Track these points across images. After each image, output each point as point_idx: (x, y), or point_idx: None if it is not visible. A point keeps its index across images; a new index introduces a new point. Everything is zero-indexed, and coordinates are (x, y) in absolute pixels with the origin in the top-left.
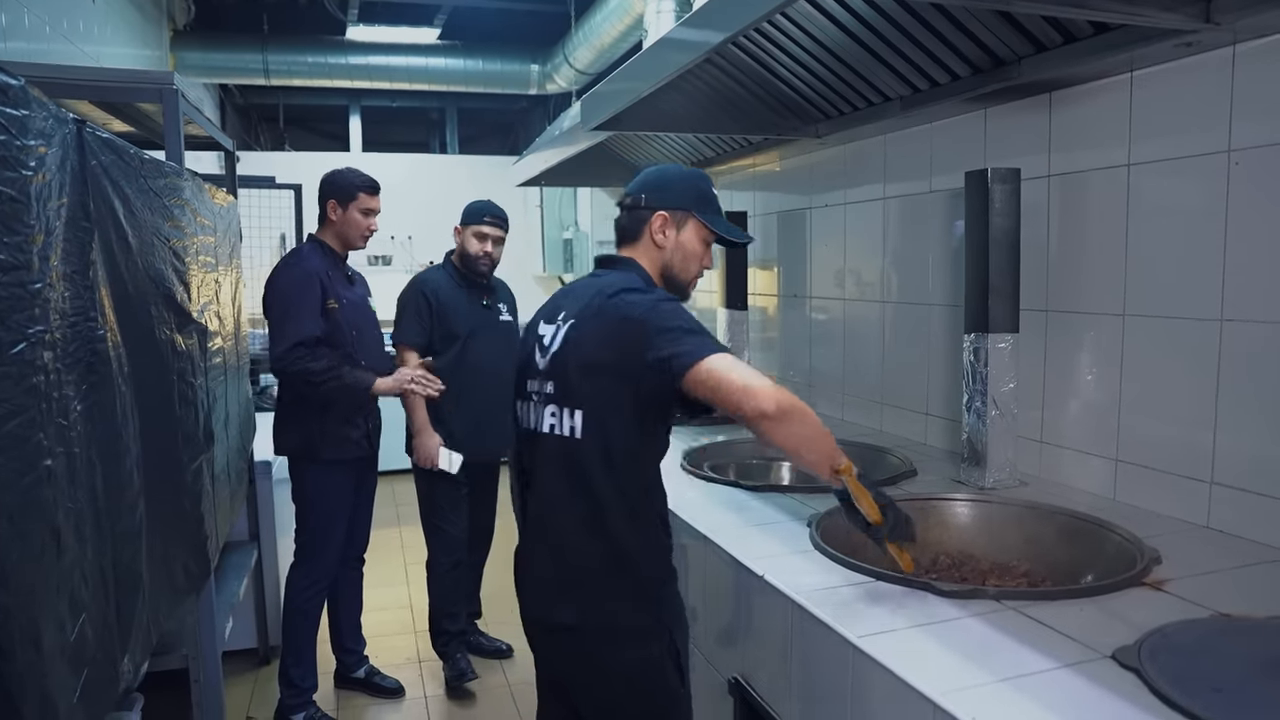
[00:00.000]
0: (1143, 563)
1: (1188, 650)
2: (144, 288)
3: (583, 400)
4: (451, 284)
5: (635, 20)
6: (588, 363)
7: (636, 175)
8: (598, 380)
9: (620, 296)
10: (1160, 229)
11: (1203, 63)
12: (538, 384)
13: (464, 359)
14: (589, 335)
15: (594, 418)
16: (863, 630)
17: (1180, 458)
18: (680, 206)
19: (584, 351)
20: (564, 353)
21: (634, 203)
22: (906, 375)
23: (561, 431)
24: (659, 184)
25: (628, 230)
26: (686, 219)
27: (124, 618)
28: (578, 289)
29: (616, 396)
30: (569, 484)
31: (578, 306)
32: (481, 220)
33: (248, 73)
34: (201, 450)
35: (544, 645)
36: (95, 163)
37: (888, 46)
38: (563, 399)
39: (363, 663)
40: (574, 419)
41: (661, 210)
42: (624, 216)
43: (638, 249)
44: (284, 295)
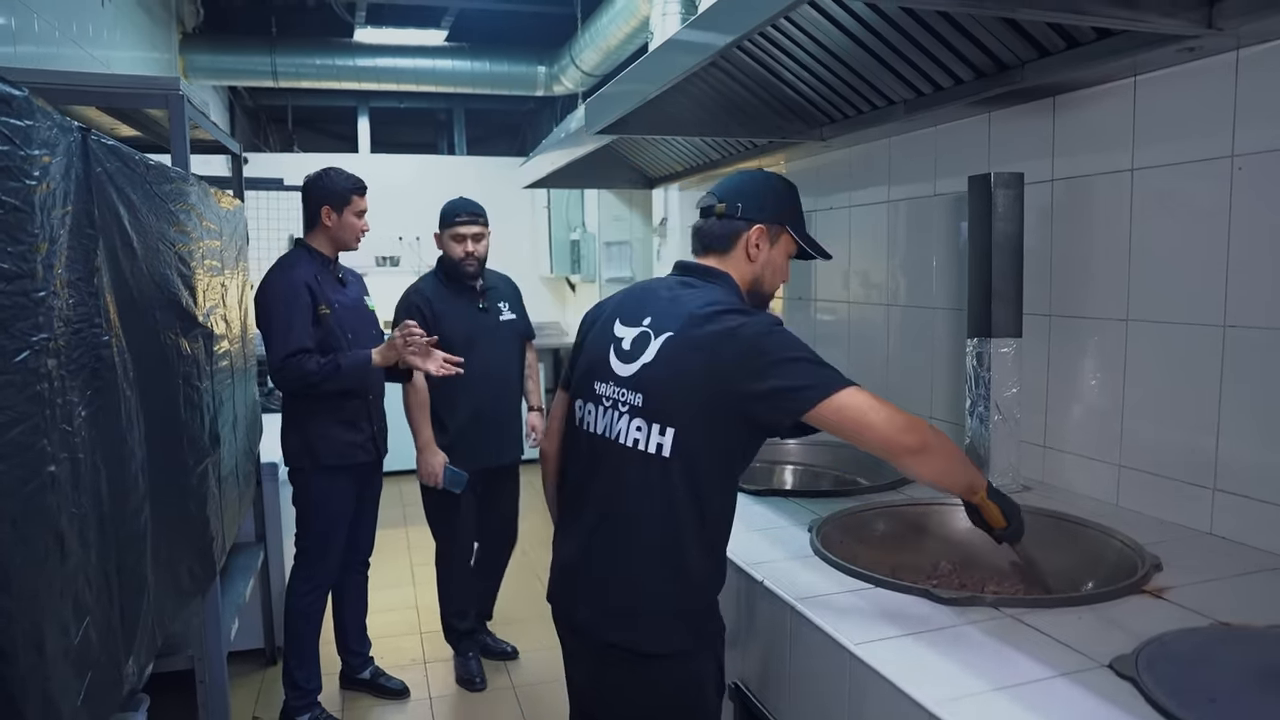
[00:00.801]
0: (1143, 570)
1: (1185, 660)
2: (149, 293)
3: (677, 420)
4: (443, 291)
5: (641, 22)
6: (689, 384)
7: (723, 179)
8: (698, 403)
9: (727, 318)
10: (1164, 234)
11: (1206, 68)
12: (616, 390)
13: (465, 366)
14: (691, 355)
15: (687, 439)
16: (860, 637)
17: (1183, 464)
18: (777, 220)
19: (685, 370)
20: (658, 367)
21: (729, 212)
22: (911, 379)
23: (647, 448)
24: (756, 194)
25: (717, 240)
26: (780, 233)
27: (128, 620)
28: (663, 295)
29: (715, 421)
30: (648, 502)
31: (674, 319)
32: (455, 221)
33: (256, 75)
34: (207, 453)
35: (586, 658)
36: (100, 170)
37: (891, 50)
38: (653, 415)
39: (368, 664)
40: (664, 436)
41: (760, 223)
42: (714, 225)
43: (727, 260)
44: (273, 307)
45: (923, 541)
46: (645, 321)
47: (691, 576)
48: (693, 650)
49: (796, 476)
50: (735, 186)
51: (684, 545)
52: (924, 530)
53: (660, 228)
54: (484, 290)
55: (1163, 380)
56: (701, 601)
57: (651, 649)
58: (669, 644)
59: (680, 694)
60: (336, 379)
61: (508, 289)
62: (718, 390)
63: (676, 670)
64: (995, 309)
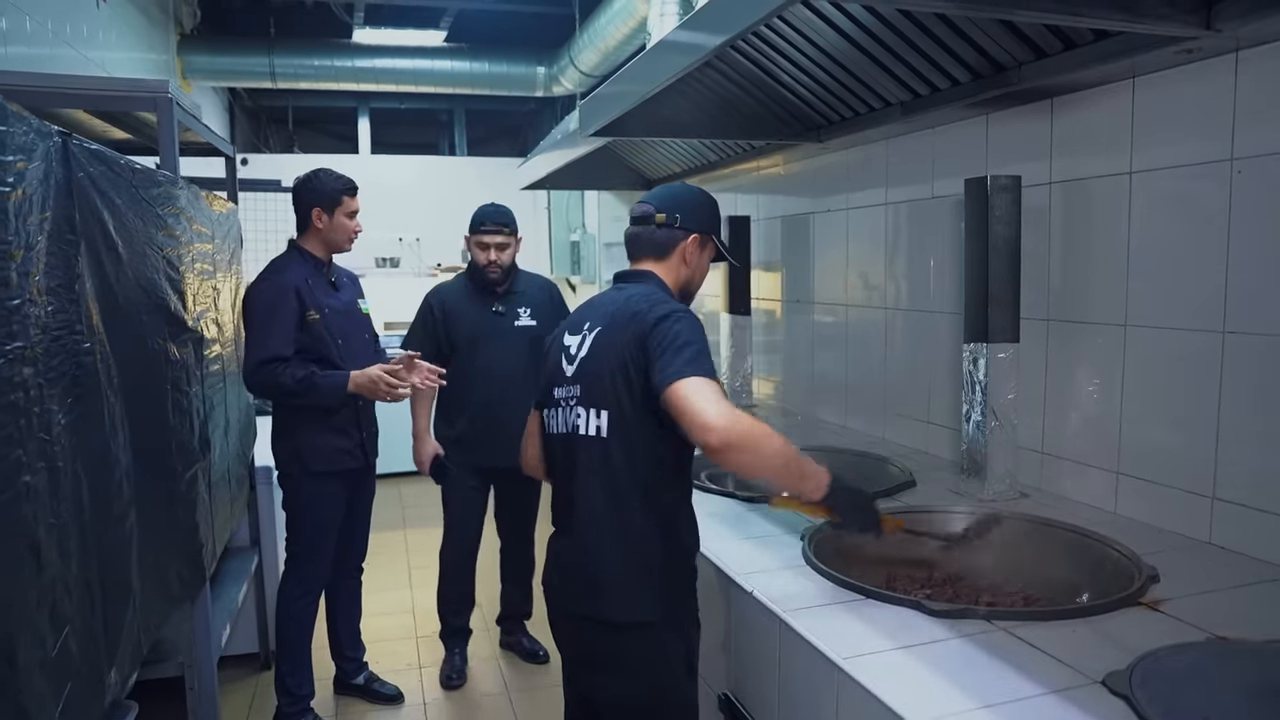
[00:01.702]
0: (1140, 581)
1: (1180, 676)
2: (135, 298)
3: (608, 402)
4: (463, 292)
5: (640, 23)
6: (613, 369)
7: (656, 191)
8: (621, 383)
9: (642, 305)
10: (1162, 238)
11: (1205, 69)
12: (566, 390)
13: (470, 365)
14: (613, 342)
15: (617, 418)
16: (849, 651)
17: (1182, 472)
18: (708, 230)
19: (609, 357)
20: (591, 358)
21: (669, 221)
22: (909, 383)
23: (589, 431)
24: (690, 206)
25: (656, 245)
26: (709, 241)
27: (112, 629)
28: (602, 301)
29: (636, 400)
30: (596, 481)
31: (604, 316)
32: (480, 229)
33: (254, 76)
34: (197, 459)
35: (569, 637)
36: (82, 174)
37: (888, 52)
38: (590, 401)
39: (362, 669)
40: (600, 419)
41: (696, 232)
42: (654, 232)
43: (663, 264)
44: (255, 313)
45: (917, 549)
46: (585, 326)
47: (643, 544)
48: (658, 623)
49: None
50: (672, 198)
51: (631, 515)
52: (918, 537)
53: None
54: (506, 294)
55: (1161, 386)
56: (658, 566)
57: (615, 617)
58: (632, 613)
59: (648, 667)
60: (311, 396)
61: (537, 295)
62: (631, 370)
63: (643, 642)
64: (992, 313)
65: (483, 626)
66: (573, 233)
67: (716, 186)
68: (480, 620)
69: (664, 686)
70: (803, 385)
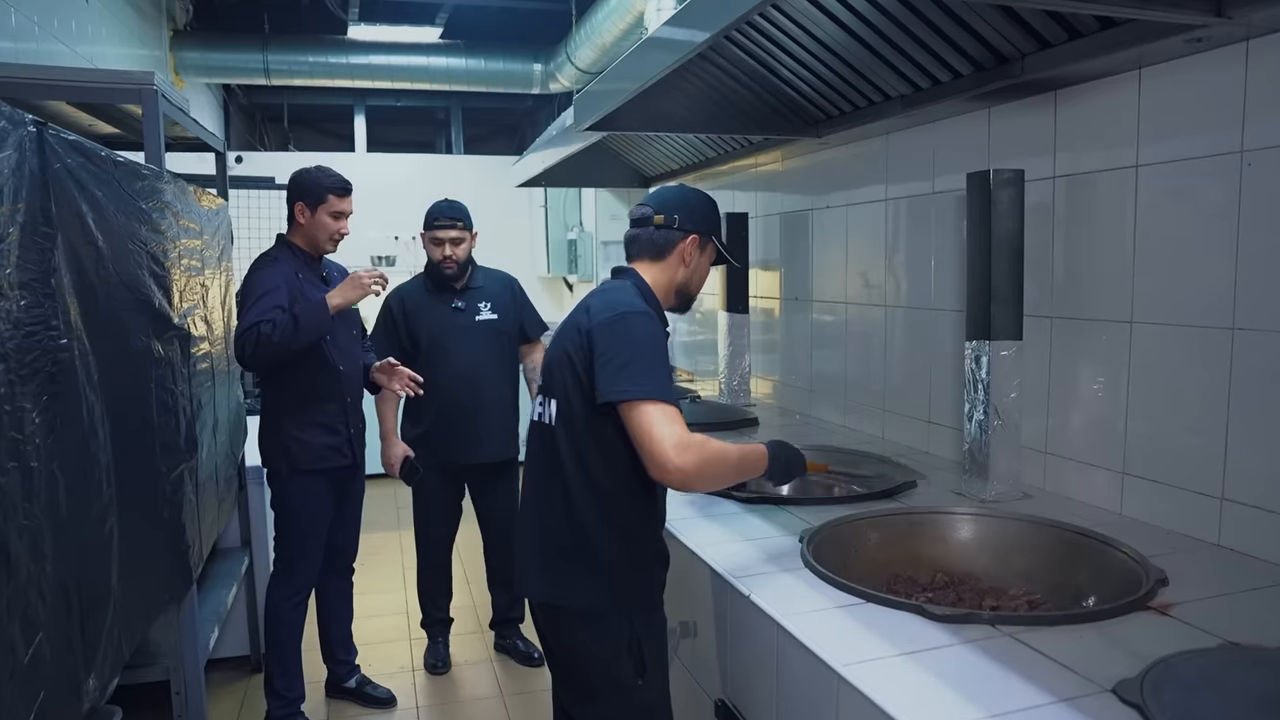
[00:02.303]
0: (1148, 584)
1: (1193, 684)
2: (117, 294)
3: (557, 391)
4: (422, 291)
5: (636, 18)
6: (562, 359)
7: (654, 192)
8: (565, 373)
9: (600, 301)
10: (1170, 232)
11: (1214, 59)
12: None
13: (434, 363)
14: (566, 330)
15: (563, 406)
16: (849, 658)
17: (1190, 472)
18: (707, 231)
19: (561, 348)
20: (550, 349)
21: (667, 222)
22: (910, 381)
23: (544, 419)
24: (688, 207)
25: (654, 246)
26: (708, 242)
27: (90, 634)
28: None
29: (578, 390)
30: (544, 468)
31: (573, 312)
32: (433, 225)
33: (248, 73)
34: (183, 458)
35: (533, 619)
36: (59, 165)
37: (888, 44)
38: (546, 389)
39: (354, 672)
40: (550, 407)
41: (695, 233)
42: (653, 233)
43: (659, 264)
44: (247, 296)
45: (918, 551)
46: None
47: (588, 533)
48: (602, 613)
49: None
50: (671, 199)
51: (575, 503)
52: (919, 539)
53: None
54: (464, 290)
55: (1169, 384)
56: (597, 553)
57: (561, 601)
58: (575, 598)
59: (591, 659)
60: (295, 333)
61: (497, 289)
62: (576, 364)
63: (584, 632)
64: (995, 310)
65: (478, 630)
66: (570, 231)
67: (714, 184)
68: (475, 623)
69: (605, 677)
70: (801, 384)
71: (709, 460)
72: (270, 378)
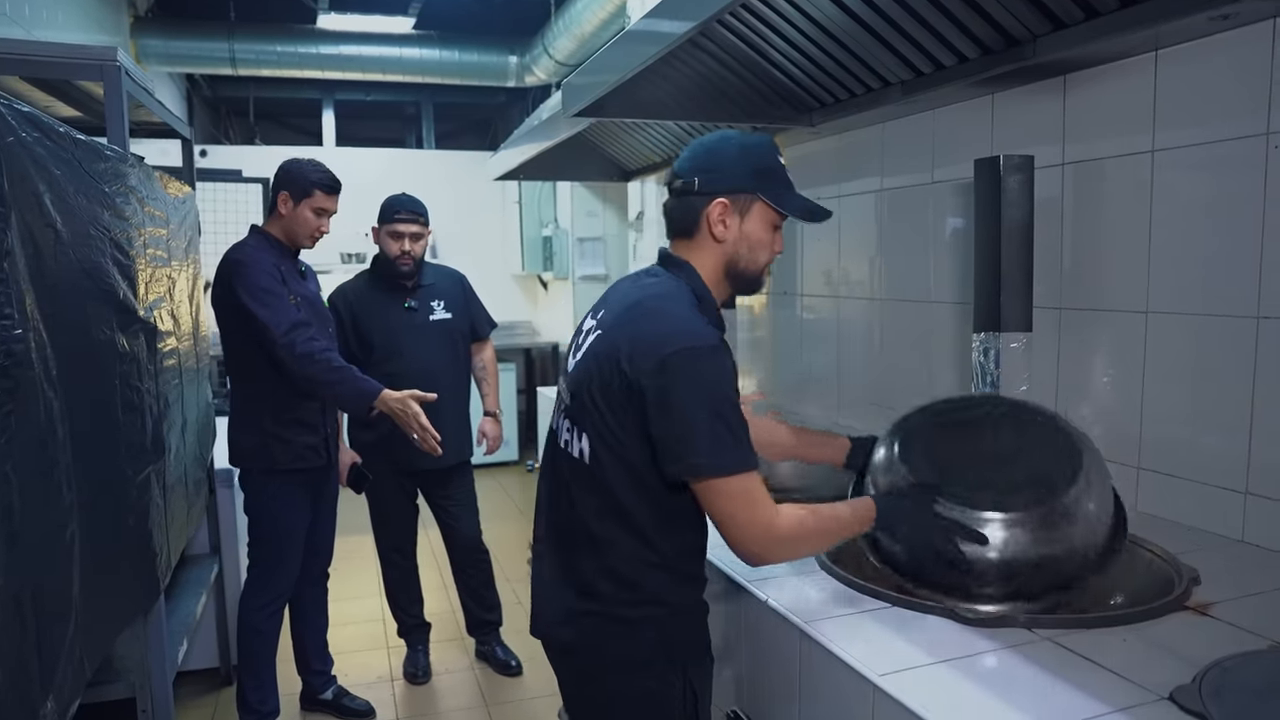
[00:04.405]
0: (1181, 584)
1: (1256, 690)
2: (78, 283)
3: (590, 426)
4: (370, 289)
5: (618, 8)
6: (598, 392)
7: (689, 146)
8: (602, 405)
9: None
10: (1188, 219)
11: (1238, 38)
12: (564, 386)
13: (388, 366)
14: (607, 357)
15: (598, 449)
16: (884, 667)
17: (1211, 466)
18: (741, 189)
19: (597, 377)
20: (584, 365)
21: (684, 187)
22: (906, 376)
23: (572, 451)
24: (711, 162)
25: (679, 222)
26: (751, 202)
27: (48, 653)
28: (622, 291)
29: (621, 428)
30: (580, 506)
31: (612, 313)
32: (393, 218)
33: (213, 62)
34: (150, 460)
35: (552, 662)
36: (12, 139)
37: (890, 25)
38: (574, 416)
39: (330, 683)
40: (582, 443)
41: (720, 196)
42: (673, 204)
43: (694, 245)
44: (260, 285)
45: None
46: (600, 315)
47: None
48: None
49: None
50: (692, 156)
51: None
52: None
53: (636, 222)
54: (415, 288)
55: (1187, 376)
56: (658, 612)
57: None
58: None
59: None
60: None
61: (448, 286)
62: (621, 403)
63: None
64: (1005, 301)
65: (458, 636)
66: (544, 228)
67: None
68: (455, 630)
69: None
70: (791, 380)
71: (795, 540)
72: (247, 375)
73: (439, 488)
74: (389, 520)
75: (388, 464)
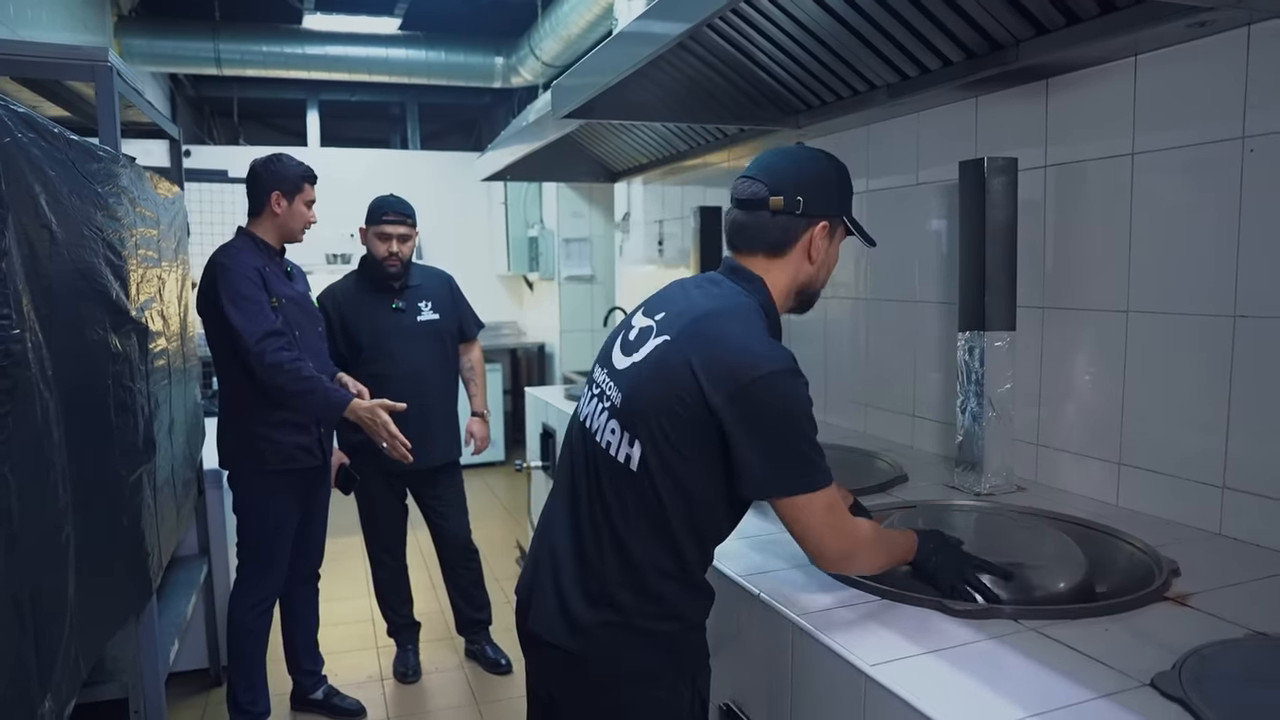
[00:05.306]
0: (1162, 576)
1: (1233, 676)
2: (72, 283)
3: (643, 436)
4: (358, 290)
5: (604, 10)
6: (662, 404)
7: (765, 159)
8: (671, 424)
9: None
10: (1168, 221)
11: (1214, 44)
12: (606, 381)
13: (376, 367)
14: (677, 372)
15: (651, 460)
16: (875, 658)
17: (1190, 461)
18: (840, 212)
19: (663, 388)
20: (644, 370)
21: (789, 206)
22: (893, 376)
23: (617, 455)
24: (817, 182)
25: (769, 238)
26: (839, 225)
27: (45, 652)
28: (689, 297)
29: (687, 450)
30: (618, 512)
31: (678, 323)
32: (381, 219)
33: (198, 62)
34: (142, 460)
35: (541, 664)
36: (9, 140)
37: (877, 30)
38: (625, 421)
39: (321, 683)
40: (632, 449)
41: (825, 219)
42: (766, 220)
43: (779, 262)
44: (238, 290)
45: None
46: (658, 316)
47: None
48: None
49: None
50: (792, 173)
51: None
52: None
53: (623, 223)
54: (402, 289)
55: (1167, 374)
56: (675, 627)
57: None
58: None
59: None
60: (308, 399)
61: (435, 287)
62: (689, 424)
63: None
64: (989, 300)
65: (447, 635)
66: (530, 228)
67: (686, 177)
68: (445, 629)
69: None
70: None
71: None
72: (234, 376)
73: (428, 488)
74: (378, 521)
75: (376, 465)
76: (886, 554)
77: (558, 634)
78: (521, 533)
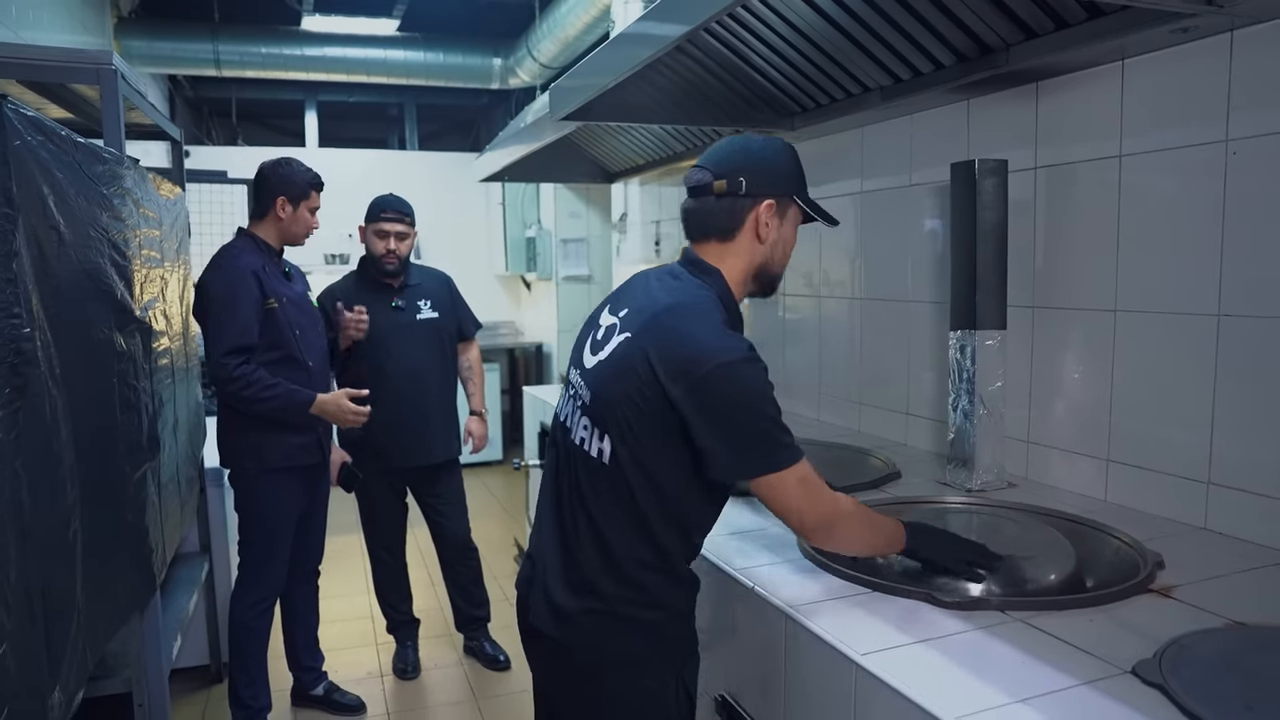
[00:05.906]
0: (1146, 568)
1: (1210, 663)
2: (79, 283)
3: (612, 430)
4: (358, 289)
5: (602, 11)
6: (625, 398)
7: (713, 149)
8: (635, 417)
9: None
10: (1154, 221)
11: (1199, 49)
12: (579, 380)
13: (375, 365)
14: (635, 365)
15: (621, 452)
16: (866, 647)
17: (1176, 457)
18: (786, 190)
19: (629, 381)
20: (608, 367)
21: (731, 188)
22: (887, 374)
23: (590, 449)
24: (758, 163)
25: (717, 222)
26: (789, 205)
27: (54, 645)
28: (648, 290)
29: (656, 441)
30: (594, 505)
31: (639, 319)
32: (379, 217)
33: (197, 63)
34: (146, 458)
35: (537, 656)
36: (19, 143)
37: (870, 34)
38: (595, 417)
39: (321, 679)
40: (602, 443)
41: (769, 198)
42: (713, 205)
43: (730, 247)
44: (215, 298)
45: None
46: (622, 313)
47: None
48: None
49: None
50: (731, 156)
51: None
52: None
53: (620, 223)
54: (402, 288)
55: (1153, 372)
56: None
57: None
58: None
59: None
60: (273, 404)
61: (434, 287)
62: (653, 414)
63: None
64: (980, 300)
65: (446, 632)
66: (528, 229)
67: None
68: (444, 626)
69: None
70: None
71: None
72: None
73: (427, 486)
74: (378, 519)
75: (377, 463)
76: (870, 528)
77: (545, 623)
78: (519, 531)
